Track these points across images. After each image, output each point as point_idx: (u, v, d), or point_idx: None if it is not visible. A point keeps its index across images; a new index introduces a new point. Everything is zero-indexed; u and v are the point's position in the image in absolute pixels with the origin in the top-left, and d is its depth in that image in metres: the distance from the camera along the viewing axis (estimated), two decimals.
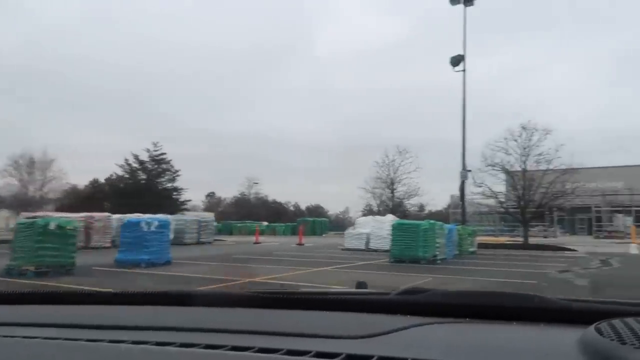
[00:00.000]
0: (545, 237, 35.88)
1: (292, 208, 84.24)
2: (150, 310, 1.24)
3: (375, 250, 18.99)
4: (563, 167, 20.23)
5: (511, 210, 22.68)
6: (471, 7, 24.48)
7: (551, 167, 20.24)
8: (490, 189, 21.14)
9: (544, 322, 1.00)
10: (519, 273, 12.25)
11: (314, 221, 48.37)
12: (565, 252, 19.00)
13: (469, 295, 1.22)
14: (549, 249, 19.65)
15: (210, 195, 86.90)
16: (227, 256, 16.45)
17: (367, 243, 20.48)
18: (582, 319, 0.91)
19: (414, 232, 14.35)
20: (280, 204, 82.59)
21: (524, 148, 20.71)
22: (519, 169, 20.85)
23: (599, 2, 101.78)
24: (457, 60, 23.50)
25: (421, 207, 52.10)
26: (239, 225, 47.64)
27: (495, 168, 21.05)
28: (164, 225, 13.91)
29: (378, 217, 21.53)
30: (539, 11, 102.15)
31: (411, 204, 35.42)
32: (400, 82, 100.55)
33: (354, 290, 1.53)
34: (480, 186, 21.32)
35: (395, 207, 37.83)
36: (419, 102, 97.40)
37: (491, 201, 23.16)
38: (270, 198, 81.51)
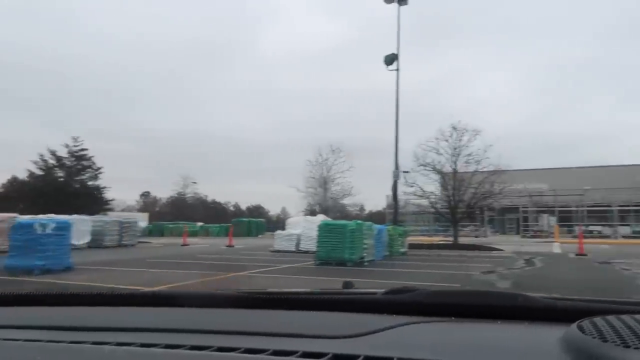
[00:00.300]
0: (476, 236, 36.73)
1: (232, 208, 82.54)
2: (135, 312, 1.23)
3: (306, 252, 18.22)
4: (491, 167, 20.50)
5: (442, 210, 22.73)
6: (413, 13, 24.34)
7: (480, 167, 20.46)
8: (421, 189, 21.09)
9: (528, 320, 1.02)
10: (443, 275, 11.90)
11: (250, 222, 47.06)
12: (493, 251, 19.14)
13: (454, 294, 1.25)
14: (478, 248, 19.76)
15: (145, 194, 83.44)
16: (140, 261, 15.11)
17: (298, 244, 19.71)
18: (565, 317, 0.92)
19: (340, 233, 13.69)
20: (219, 204, 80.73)
21: (455, 148, 20.84)
22: (450, 169, 20.94)
23: (527, 16, 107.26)
24: (390, 59, 23.28)
25: (361, 208, 52.23)
26: (171, 226, 45.51)
27: (427, 168, 21.05)
28: (63, 227, 12.41)
29: (309, 218, 20.84)
30: (475, 21, 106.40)
31: (351, 205, 35.22)
32: (343, 83, 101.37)
33: (340, 290, 1.49)
34: (412, 186, 21.25)
35: (335, 208, 37.59)
36: (362, 103, 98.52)
37: (423, 201, 23.14)
38: (210, 198, 79.49)
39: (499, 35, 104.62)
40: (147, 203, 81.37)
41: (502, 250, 19.44)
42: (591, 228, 36.77)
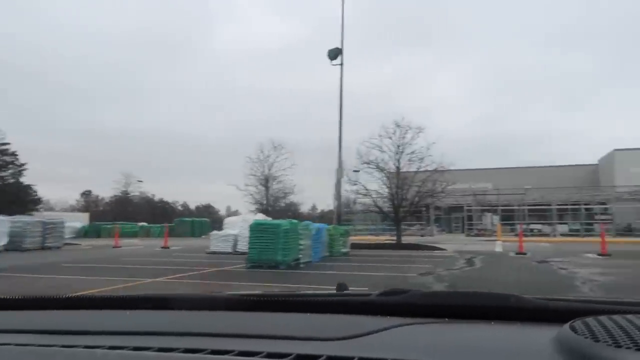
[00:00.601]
0: (422, 235, 36.80)
1: (180, 208, 79.99)
2: (128, 315, 1.21)
3: (243, 254, 17.13)
4: (435, 166, 20.18)
5: (385, 209, 22.28)
6: (365, 16, 23.71)
7: (423, 165, 20.10)
8: (365, 188, 20.50)
9: (521, 321, 1.02)
10: (380, 277, 11.27)
11: (194, 221, 45.32)
12: (435, 251, 18.81)
13: (448, 295, 1.31)
14: (421, 248, 19.39)
15: (87, 193, 79.51)
16: (54, 265, 13.65)
17: (235, 245, 18.60)
18: (557, 317, 0.92)
19: (273, 234, 12.78)
20: (167, 203, 78.09)
21: (398, 146, 20.39)
22: (393, 167, 20.45)
23: (474, 23, 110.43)
24: (334, 54, 22.62)
25: (314, 207, 51.53)
26: (108, 226, 43.05)
27: (370, 166, 20.49)
28: None
29: (247, 217, 19.78)
30: (429, 25, 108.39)
31: (299, 203, 34.25)
32: (298, 82, 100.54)
33: (334, 292, 1.47)
34: (355, 184, 20.62)
35: (286, 207, 36.62)
36: (317, 102, 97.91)
37: (368, 200, 22.60)
38: (158, 197, 76.71)
39: (447, 41, 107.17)
40: (89, 202, 77.63)
41: (444, 249, 19.14)
42: (532, 226, 37.67)
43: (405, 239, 32.19)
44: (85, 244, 28.15)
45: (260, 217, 19.40)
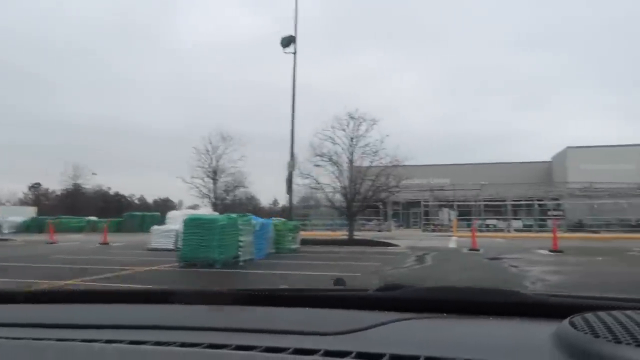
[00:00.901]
0: (380, 230, 36.40)
1: (137, 201, 77.31)
2: (125, 309, 1.22)
3: None
4: (389, 159, 19.49)
5: (338, 203, 21.51)
6: (328, 13, 22.72)
7: (377, 159, 19.38)
8: (316, 181, 19.59)
9: (520, 316, 1.02)
10: (325, 277, 10.41)
11: (144, 216, 43.35)
12: (388, 247, 18.18)
13: (446, 290, 1.20)
14: (373, 244, 18.71)
15: (36, 186, 75.61)
16: None
17: (177, 241, 17.34)
18: (556, 313, 0.92)
19: (208, 229, 11.72)
20: (123, 196, 75.31)
21: (351, 138, 19.58)
22: (346, 160, 19.64)
23: (440, 21, 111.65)
24: (287, 41, 21.60)
25: (275, 202, 50.46)
26: (53, 221, 40.65)
27: (323, 159, 19.61)
28: None
29: (190, 212, 18.57)
30: (394, 22, 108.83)
31: (249, 197, 33.07)
32: (261, 76, 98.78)
33: (332, 287, 1.50)
34: (307, 178, 19.70)
35: (244, 200, 35.37)
36: (282, 95, 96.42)
37: (321, 194, 21.73)
38: (114, 190, 73.80)
39: (410, 39, 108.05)
40: (38, 196, 73.87)
41: (397, 245, 18.55)
42: (488, 222, 37.87)
43: (362, 235, 31.61)
44: (22, 240, 26.28)
45: (208, 211, 18.25)
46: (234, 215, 13.08)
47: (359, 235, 31.11)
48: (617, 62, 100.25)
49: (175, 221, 18.48)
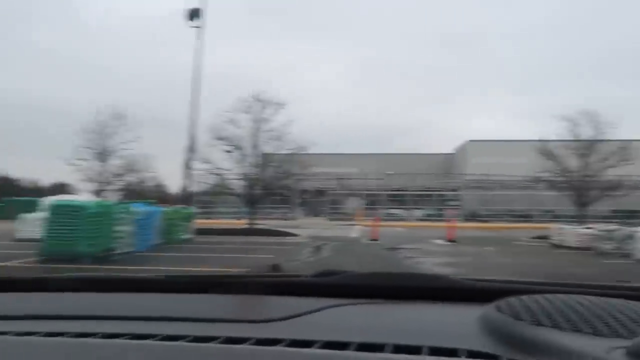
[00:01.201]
0: (286, 219, 35.77)
1: (28, 186, 70.11)
2: (45, 297, 1.16)
3: None
4: (294, 145, 18.60)
5: (240, 190, 20.36)
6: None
7: (281, 144, 18.42)
8: (216, 166, 18.21)
9: (451, 300, 1.06)
10: (207, 273, 9.40)
11: (28, 201, 38.98)
12: (288, 237, 17.47)
13: (381, 276, 1.24)
14: (273, 234, 17.90)
15: None
16: None
17: None
18: (484, 297, 0.94)
19: (74, 218, 10.20)
20: (12, 180, 67.85)
21: (255, 122, 18.47)
22: (250, 144, 18.46)
23: (356, 13, 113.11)
24: (193, 14, 19.92)
25: (184, 189, 47.89)
26: None
27: (225, 143, 18.29)
28: None
29: (67, 197, 16.51)
30: (313, 12, 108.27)
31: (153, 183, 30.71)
32: (176, 58, 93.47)
33: (268, 272, 1.47)
34: (206, 163, 18.26)
35: (151, 187, 32.73)
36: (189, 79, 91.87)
37: (221, 180, 20.37)
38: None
39: (328, 31, 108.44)
40: None
41: (298, 235, 17.91)
42: (392, 211, 38.68)
43: (268, 224, 30.78)
44: None
45: (87, 197, 16.29)
46: (109, 202, 11.56)
47: (264, 224, 30.25)
48: (518, 65, 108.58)
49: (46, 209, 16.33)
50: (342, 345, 0.73)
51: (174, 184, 38.19)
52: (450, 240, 16.69)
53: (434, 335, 0.79)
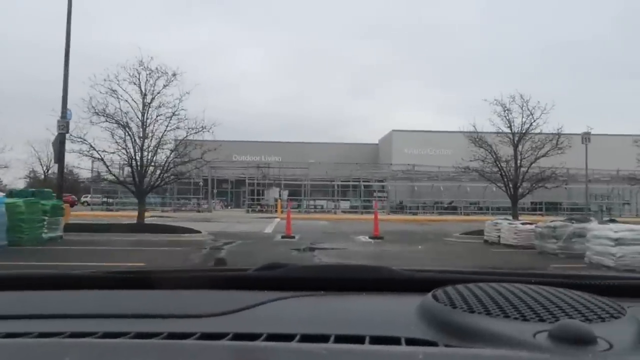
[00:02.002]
0: (199, 211, 32.45)
1: None
2: None
3: None
4: (193, 124, 15.37)
5: (125, 177, 16.91)
6: None
7: (176, 123, 15.19)
8: (92, 147, 14.56)
9: (391, 291, 1.08)
10: None
11: None
12: (184, 234, 14.47)
13: (324, 268, 1.30)
14: (166, 231, 14.75)
15: None
16: None
17: None
18: (423, 287, 0.97)
19: None
20: None
21: (145, 94, 15.14)
22: (138, 120, 15.05)
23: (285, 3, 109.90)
24: None
25: (74, 174, 42.77)
26: None
27: (108, 119, 14.77)
28: None
29: None
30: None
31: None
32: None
33: (211, 267, 1.50)
34: (79, 142, 14.51)
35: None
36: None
37: (101, 165, 16.73)
38: None
39: (252, 17, 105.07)
40: None
41: (199, 232, 14.97)
42: (317, 202, 36.49)
43: (179, 216, 27.32)
44: None
45: None
46: None
47: (174, 216, 26.77)
48: (441, 62, 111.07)
49: None
50: (286, 338, 0.74)
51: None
52: (376, 237, 14.53)
53: (376, 325, 0.82)
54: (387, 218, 27.30)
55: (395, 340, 0.73)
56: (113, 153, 15.10)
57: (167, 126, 15.16)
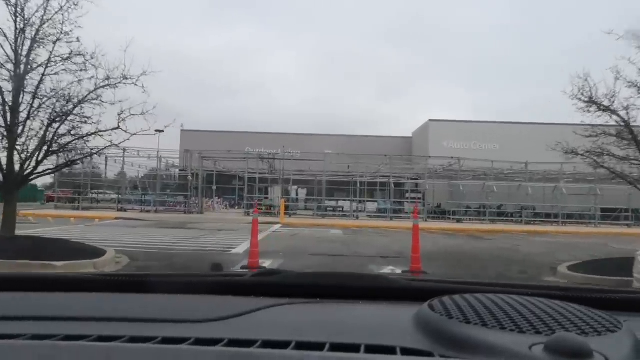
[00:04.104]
0: (186, 212, 25.95)
1: None
2: None
3: None
4: (121, 75, 8.97)
5: None
6: None
7: (64, 54, 8.56)
8: None
9: (387, 300, 1.07)
10: None
11: None
12: (70, 259, 7.90)
13: (321, 276, 1.24)
14: (43, 250, 8.28)
15: None
16: None
17: None
18: (419, 296, 0.97)
19: None
20: None
21: (16, 15, 8.65)
22: (9, 56, 8.63)
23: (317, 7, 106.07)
24: None
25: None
26: None
27: None
28: None
29: None
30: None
31: None
32: None
33: (208, 272, 1.44)
34: None
35: None
36: None
37: None
38: None
39: (284, 18, 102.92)
40: None
41: (102, 253, 8.41)
42: (331, 203, 29.39)
43: (154, 217, 20.98)
44: None
45: None
46: None
47: (140, 218, 20.16)
48: (472, 63, 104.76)
49: None
50: (281, 345, 0.73)
51: None
52: (414, 273, 7.60)
53: (371, 334, 0.81)
54: (426, 227, 20.29)
55: (390, 350, 0.73)
56: None
57: (49, 58, 8.56)
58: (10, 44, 8.75)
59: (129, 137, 9.24)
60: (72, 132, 9.01)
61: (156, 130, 9.90)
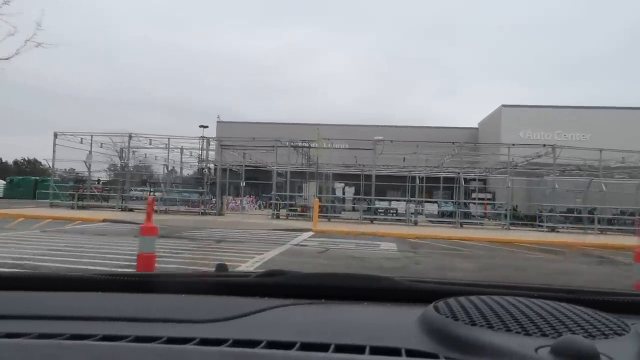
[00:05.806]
0: (203, 213, 21.20)
1: None
2: None
3: None
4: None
5: None
6: None
7: None
8: None
9: (392, 301, 1.06)
10: None
11: None
12: None
13: (326, 277, 1.21)
14: None
15: None
16: None
17: None
18: (424, 298, 0.97)
19: None
20: None
21: None
22: None
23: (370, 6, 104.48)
24: None
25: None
26: None
27: None
28: None
29: None
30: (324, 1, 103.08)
31: None
32: None
33: (213, 272, 1.39)
34: None
35: None
36: None
37: None
38: None
39: (340, 17, 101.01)
40: None
41: None
42: (383, 204, 23.79)
43: (164, 219, 16.52)
44: None
45: None
46: None
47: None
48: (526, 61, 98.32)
49: None
50: (286, 346, 0.73)
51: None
52: None
53: (377, 336, 0.80)
54: (516, 239, 14.37)
55: (395, 352, 0.72)
56: None
57: None
58: None
59: None
60: None
61: (200, 126, 5.84)
